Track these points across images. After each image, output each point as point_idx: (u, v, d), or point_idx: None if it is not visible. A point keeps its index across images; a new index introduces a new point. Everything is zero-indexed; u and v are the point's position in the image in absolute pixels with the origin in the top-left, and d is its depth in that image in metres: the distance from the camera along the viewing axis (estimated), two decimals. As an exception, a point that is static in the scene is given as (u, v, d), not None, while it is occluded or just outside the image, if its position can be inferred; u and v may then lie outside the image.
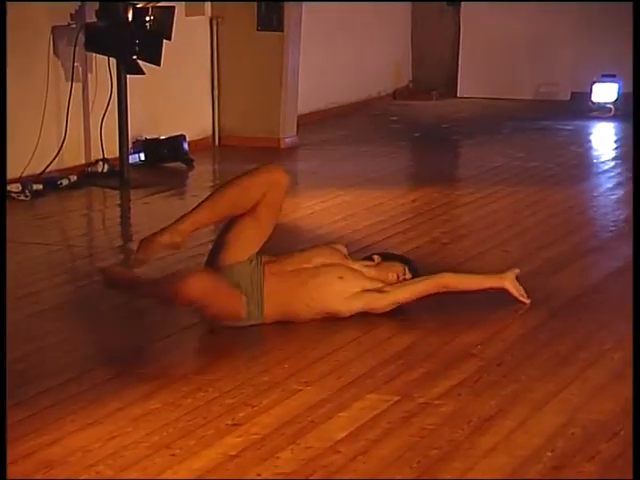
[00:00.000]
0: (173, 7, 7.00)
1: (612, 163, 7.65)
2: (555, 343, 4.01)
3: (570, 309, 4.41)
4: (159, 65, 6.83)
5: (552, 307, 4.42)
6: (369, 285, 4.19)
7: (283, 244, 5.70)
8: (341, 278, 4.14)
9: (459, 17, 10.99)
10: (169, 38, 6.90)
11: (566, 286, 4.68)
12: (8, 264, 4.78)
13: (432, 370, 3.73)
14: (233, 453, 3.11)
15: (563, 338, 4.07)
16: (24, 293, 4.62)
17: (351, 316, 4.20)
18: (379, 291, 4.18)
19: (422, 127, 9.31)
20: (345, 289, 4.13)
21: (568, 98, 10.57)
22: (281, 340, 4.07)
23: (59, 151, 6.92)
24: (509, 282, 4.33)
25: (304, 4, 8.36)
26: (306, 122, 8.88)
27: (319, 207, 6.26)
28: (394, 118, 9.80)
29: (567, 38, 10.64)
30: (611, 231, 5.48)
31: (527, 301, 4.34)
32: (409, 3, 11.07)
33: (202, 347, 4.05)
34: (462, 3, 10.93)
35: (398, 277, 4.27)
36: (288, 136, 8.38)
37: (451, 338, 4.05)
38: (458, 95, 10.98)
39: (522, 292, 4.36)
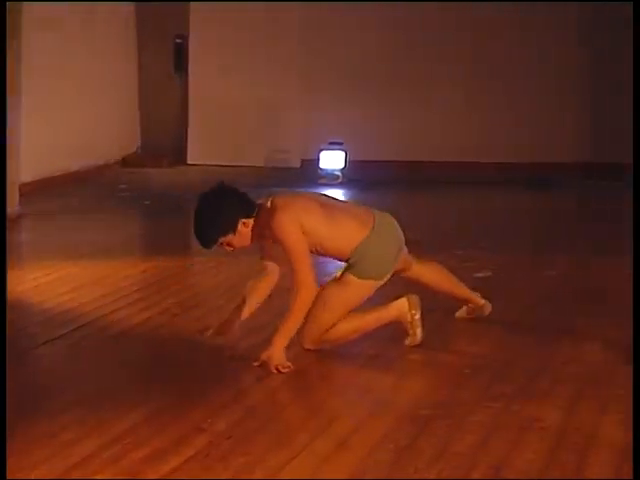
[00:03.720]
0: None
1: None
2: (287, 412, 3.98)
3: (302, 377, 4.39)
4: None
5: (282, 376, 4.38)
6: None
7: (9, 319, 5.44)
8: None
9: (187, 83, 11.01)
10: None
11: (299, 353, 4.67)
12: None
13: (161, 447, 3.61)
14: None
15: (294, 407, 4.05)
16: None
17: (72, 394, 4.11)
18: None
19: (153, 195, 9.21)
20: None
21: (299, 165, 10.79)
22: None
23: None
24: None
25: (23, 69, 8.09)
26: (29, 191, 8.57)
27: (44, 280, 6.02)
28: (123, 186, 9.66)
29: (295, 105, 10.87)
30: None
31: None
32: (135, 70, 11.01)
33: None
34: (190, 69, 10.97)
35: None
36: (9, 206, 8.06)
37: (180, 414, 3.94)
38: (188, 162, 10.97)
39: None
